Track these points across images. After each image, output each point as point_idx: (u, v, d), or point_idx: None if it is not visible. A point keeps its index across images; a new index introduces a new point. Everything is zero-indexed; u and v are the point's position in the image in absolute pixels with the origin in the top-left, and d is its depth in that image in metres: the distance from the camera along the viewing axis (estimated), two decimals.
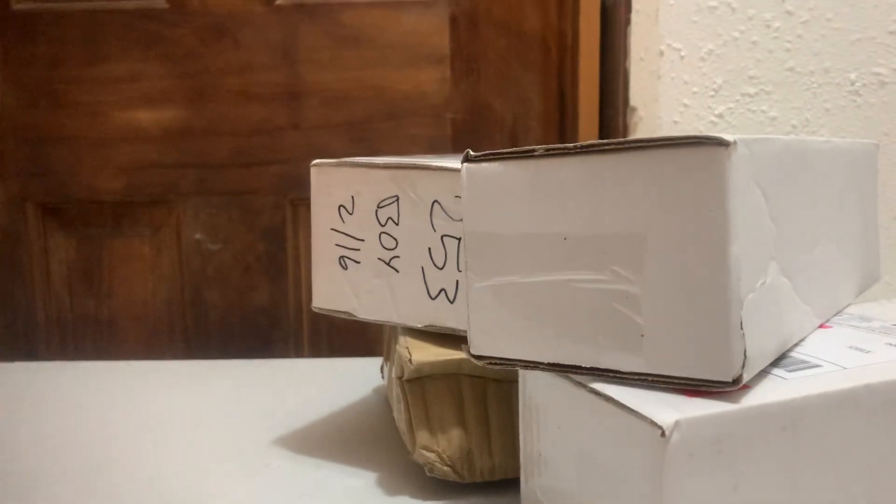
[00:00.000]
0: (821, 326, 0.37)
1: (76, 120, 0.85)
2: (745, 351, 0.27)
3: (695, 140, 0.27)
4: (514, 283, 0.32)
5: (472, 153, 0.33)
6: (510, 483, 0.42)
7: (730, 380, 0.27)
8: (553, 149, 0.30)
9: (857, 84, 0.72)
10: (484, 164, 0.32)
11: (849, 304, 0.42)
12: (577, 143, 0.29)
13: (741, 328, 0.27)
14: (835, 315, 0.40)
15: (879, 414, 0.29)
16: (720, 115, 0.72)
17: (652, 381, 0.29)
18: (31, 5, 0.84)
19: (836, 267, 0.39)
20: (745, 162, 0.27)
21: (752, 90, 0.72)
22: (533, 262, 0.31)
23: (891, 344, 0.34)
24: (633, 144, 0.28)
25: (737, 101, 0.72)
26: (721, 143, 0.26)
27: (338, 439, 0.50)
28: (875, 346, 0.33)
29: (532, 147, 0.31)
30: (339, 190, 0.44)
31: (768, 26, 0.71)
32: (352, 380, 0.63)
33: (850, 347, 0.33)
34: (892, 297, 0.53)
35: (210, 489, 0.43)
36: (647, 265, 0.28)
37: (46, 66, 0.84)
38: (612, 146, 0.29)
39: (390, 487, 0.43)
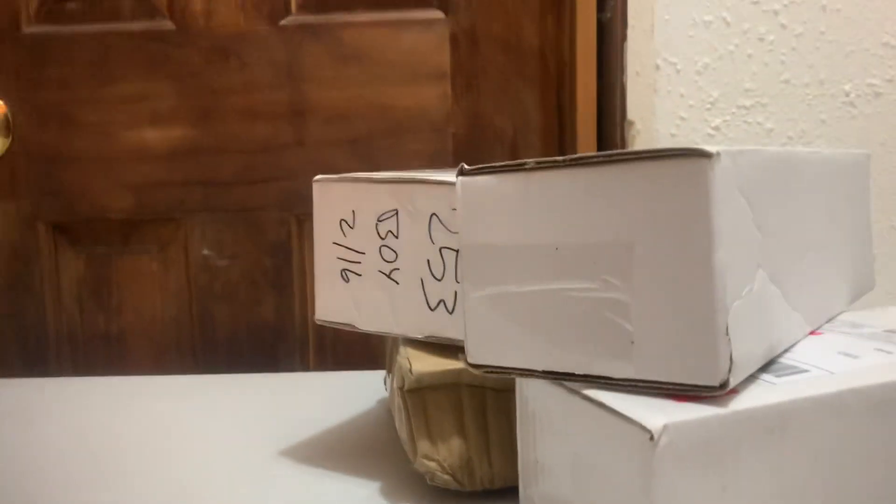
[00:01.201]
0: (811, 333, 0.38)
1: (85, 140, 0.87)
2: (731, 356, 0.28)
3: (679, 152, 0.28)
4: (509, 292, 0.33)
5: (466, 167, 0.34)
6: (510, 491, 0.42)
7: (717, 384, 0.28)
8: (544, 162, 0.31)
9: (851, 95, 0.72)
10: (478, 178, 0.33)
11: (841, 312, 0.43)
12: (567, 156, 0.30)
13: (727, 334, 0.28)
14: (826, 322, 0.40)
15: (866, 417, 0.30)
16: (717, 128, 0.73)
17: (642, 386, 0.29)
18: (41, 28, 0.86)
19: (826, 275, 0.40)
20: (729, 172, 0.28)
21: (747, 102, 0.73)
22: (526, 271, 0.32)
23: (880, 349, 0.34)
24: (619, 157, 0.29)
25: (733, 113, 0.73)
26: (704, 155, 0.27)
27: (342, 450, 0.51)
28: (864, 351, 0.34)
29: (524, 160, 0.32)
30: (340, 204, 0.45)
31: (763, 40, 0.72)
32: (356, 392, 0.64)
33: (840, 353, 0.34)
34: (886, 306, 0.53)
35: (217, 500, 0.44)
36: (636, 274, 0.29)
37: (56, 87, 0.86)
38: (601, 159, 0.29)
39: (392, 496, 0.44)
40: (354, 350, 0.88)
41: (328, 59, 0.84)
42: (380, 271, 0.44)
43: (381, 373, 0.70)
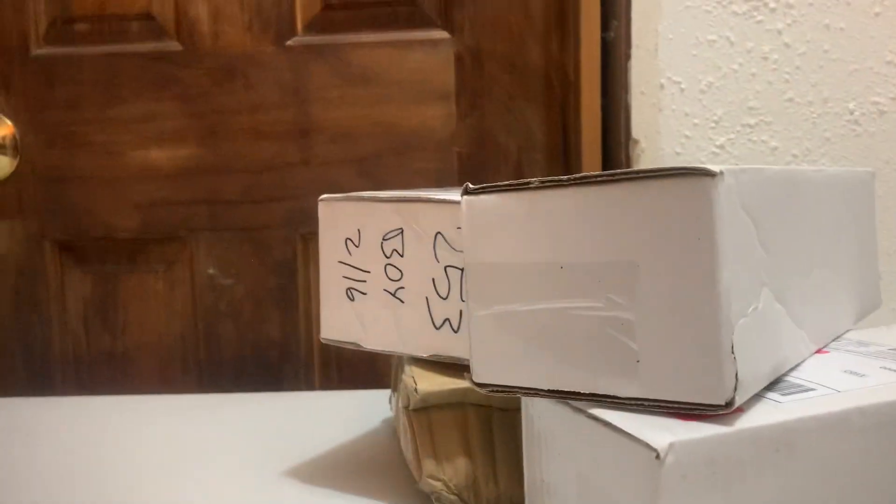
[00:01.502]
0: (818, 352, 0.38)
1: (92, 159, 0.87)
2: (736, 374, 0.28)
3: (682, 171, 0.28)
4: (514, 311, 0.33)
5: (470, 186, 0.34)
6: None
7: (722, 403, 0.28)
8: (547, 181, 0.31)
9: (856, 113, 0.73)
10: (482, 197, 0.33)
11: (848, 330, 0.43)
12: (571, 175, 0.31)
13: (732, 352, 0.28)
14: (833, 340, 0.40)
15: (872, 436, 0.30)
16: (721, 146, 0.73)
17: (648, 405, 0.29)
18: (50, 50, 0.87)
19: (832, 293, 0.40)
20: (733, 191, 0.28)
21: (752, 121, 0.73)
22: (531, 290, 0.32)
23: (886, 368, 0.34)
24: (623, 176, 0.29)
25: (737, 131, 0.73)
26: (707, 174, 0.27)
27: (347, 469, 0.51)
28: (870, 370, 0.34)
29: (528, 179, 0.32)
30: (345, 223, 0.46)
31: (766, 59, 0.73)
32: (361, 411, 0.64)
33: (846, 371, 0.34)
34: (893, 324, 0.53)
35: None
36: (641, 292, 0.29)
37: (64, 108, 0.87)
38: (605, 178, 0.30)
39: None
40: (360, 369, 0.88)
41: (334, 79, 0.85)
42: (385, 290, 0.44)
43: (387, 392, 0.70)
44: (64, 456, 0.56)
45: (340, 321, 0.46)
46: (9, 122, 0.87)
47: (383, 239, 0.44)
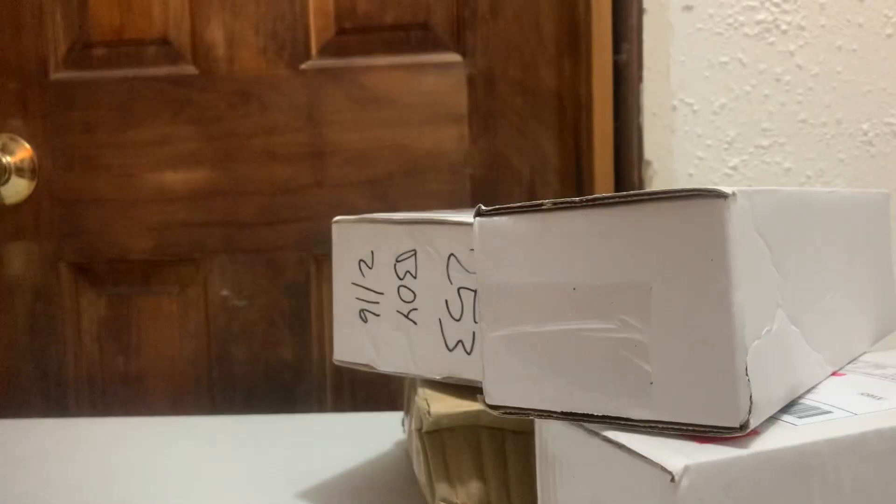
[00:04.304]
0: (834, 374, 0.37)
1: (108, 182, 0.88)
2: (751, 397, 0.27)
3: (695, 193, 0.28)
4: (527, 332, 0.33)
5: (483, 208, 0.34)
6: None
7: (737, 425, 0.27)
8: (560, 202, 0.31)
9: (869, 134, 0.73)
10: (495, 218, 0.33)
11: (865, 352, 0.42)
12: (583, 197, 0.31)
13: (746, 374, 0.27)
14: (849, 363, 0.40)
15: (890, 459, 0.29)
16: (734, 168, 0.73)
17: (662, 428, 0.29)
18: (68, 74, 0.88)
19: (848, 315, 0.40)
20: (746, 212, 0.28)
21: (765, 142, 0.73)
22: (544, 311, 0.32)
23: None
24: (636, 198, 0.29)
25: (751, 153, 0.73)
26: (720, 195, 0.27)
27: (359, 492, 0.51)
28: (888, 392, 0.34)
29: (540, 201, 0.32)
30: (359, 245, 0.46)
31: (779, 80, 0.73)
32: (373, 433, 0.64)
33: (863, 394, 0.34)
34: None
35: None
36: (654, 314, 0.29)
37: (81, 131, 0.88)
38: (617, 199, 0.30)
39: None
40: (372, 391, 0.88)
41: (348, 102, 0.86)
42: (398, 312, 0.44)
43: (399, 414, 0.70)
44: (77, 478, 0.56)
45: (353, 343, 0.46)
46: (27, 146, 0.88)
47: (396, 261, 0.44)
